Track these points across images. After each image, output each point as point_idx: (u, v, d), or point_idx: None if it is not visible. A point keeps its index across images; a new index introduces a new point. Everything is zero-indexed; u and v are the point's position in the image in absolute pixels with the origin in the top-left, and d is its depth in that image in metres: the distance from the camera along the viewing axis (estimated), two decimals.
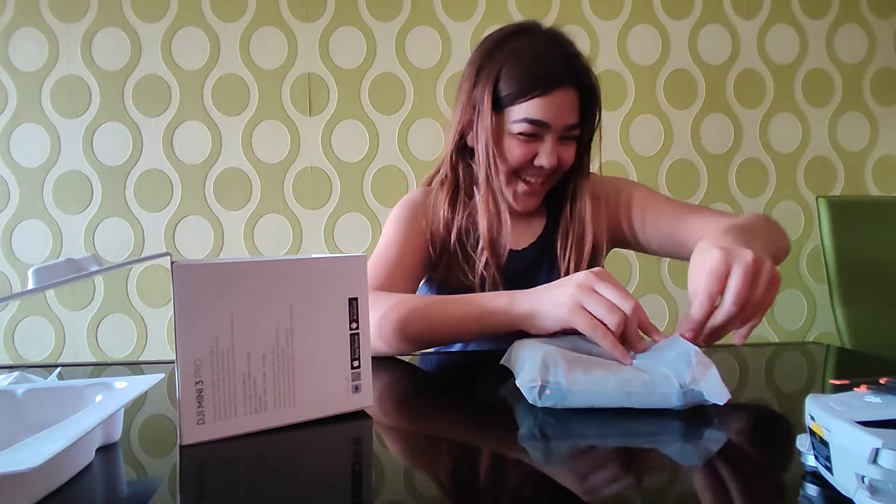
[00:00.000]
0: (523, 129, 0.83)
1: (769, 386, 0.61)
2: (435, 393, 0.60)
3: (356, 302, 0.49)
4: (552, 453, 0.42)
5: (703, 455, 0.41)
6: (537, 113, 0.82)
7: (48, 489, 0.35)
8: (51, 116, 1.61)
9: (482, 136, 0.85)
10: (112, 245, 1.63)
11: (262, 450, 0.42)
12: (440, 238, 0.90)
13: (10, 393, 0.44)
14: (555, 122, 0.83)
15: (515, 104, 0.83)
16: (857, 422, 0.30)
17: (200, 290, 0.43)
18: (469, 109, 0.87)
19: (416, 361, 0.72)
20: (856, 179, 1.76)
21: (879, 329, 1.47)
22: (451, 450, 0.43)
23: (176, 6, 1.62)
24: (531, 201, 0.91)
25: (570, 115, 0.84)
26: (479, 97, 0.85)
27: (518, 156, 0.85)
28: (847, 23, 1.74)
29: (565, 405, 0.49)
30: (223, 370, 0.44)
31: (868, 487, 0.29)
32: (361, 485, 0.36)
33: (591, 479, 0.36)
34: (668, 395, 0.49)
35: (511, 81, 0.83)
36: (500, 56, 0.84)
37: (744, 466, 0.38)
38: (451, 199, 0.91)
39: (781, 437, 0.44)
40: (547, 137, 0.84)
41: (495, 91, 0.84)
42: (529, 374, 0.51)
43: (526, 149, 0.84)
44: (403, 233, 0.89)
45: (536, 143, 0.85)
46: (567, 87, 0.83)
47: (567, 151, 0.87)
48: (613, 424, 0.47)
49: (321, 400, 0.48)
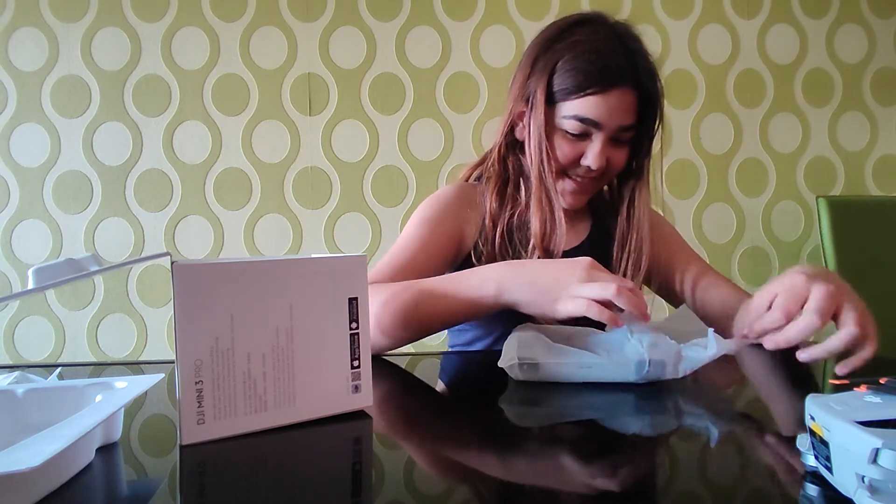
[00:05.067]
0: (573, 127, 0.79)
1: (769, 386, 0.61)
2: (435, 393, 0.60)
3: (356, 302, 0.49)
4: (553, 453, 0.42)
5: (703, 455, 0.41)
6: (590, 111, 0.78)
7: (48, 489, 0.35)
8: (51, 116, 1.61)
9: (535, 132, 0.81)
10: (112, 245, 1.62)
11: (262, 450, 0.42)
12: (484, 231, 0.86)
13: (10, 393, 0.44)
14: (608, 122, 0.79)
15: (569, 100, 0.79)
16: (857, 422, 0.30)
17: (200, 290, 0.43)
18: (521, 101, 0.83)
19: (417, 361, 0.72)
20: (856, 179, 1.76)
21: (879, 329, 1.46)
22: (450, 450, 0.43)
23: (176, 6, 1.62)
24: (579, 199, 0.87)
25: (626, 116, 0.80)
26: (533, 90, 0.81)
27: (565, 154, 0.81)
28: (847, 23, 1.74)
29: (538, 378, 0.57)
30: (223, 370, 0.44)
31: (868, 487, 0.29)
32: (361, 485, 0.36)
33: (593, 480, 0.36)
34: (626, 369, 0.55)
35: (566, 76, 0.78)
36: (558, 47, 0.80)
37: (744, 466, 0.38)
38: (499, 193, 0.86)
39: (781, 437, 0.44)
40: (596, 137, 0.80)
41: (549, 84, 0.79)
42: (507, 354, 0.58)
43: (573, 147, 0.81)
44: (425, 233, 0.84)
45: (585, 143, 0.80)
46: (625, 86, 0.78)
47: (618, 154, 0.82)
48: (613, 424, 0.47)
49: (321, 400, 0.48)
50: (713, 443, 0.43)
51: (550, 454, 0.42)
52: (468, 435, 0.46)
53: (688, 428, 0.46)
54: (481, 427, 0.48)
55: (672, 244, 0.95)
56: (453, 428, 0.48)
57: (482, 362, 0.73)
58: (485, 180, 0.90)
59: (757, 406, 0.53)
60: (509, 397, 0.54)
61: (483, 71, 1.66)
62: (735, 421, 0.48)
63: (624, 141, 0.83)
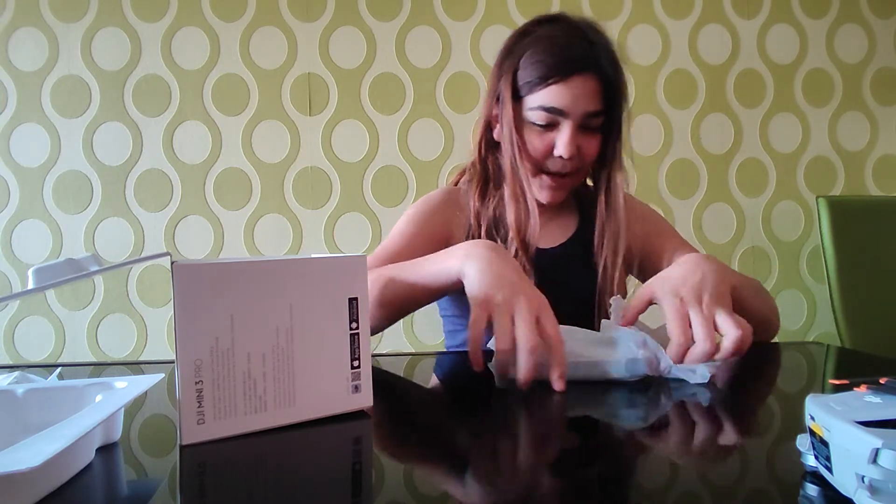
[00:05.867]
0: (540, 117, 0.81)
1: (769, 386, 0.61)
2: (435, 393, 0.60)
3: (356, 302, 0.49)
4: (552, 452, 0.42)
5: (703, 455, 0.41)
6: (554, 100, 0.80)
7: (48, 489, 0.35)
8: (51, 116, 1.61)
9: (505, 127, 0.84)
10: (112, 245, 1.62)
11: (262, 450, 0.42)
12: (470, 232, 0.89)
13: (10, 393, 0.44)
14: (572, 109, 0.80)
15: (533, 92, 0.81)
16: (857, 422, 0.30)
17: (200, 290, 0.43)
18: (494, 102, 0.87)
19: (417, 362, 0.72)
20: (856, 179, 1.76)
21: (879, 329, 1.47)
22: (450, 450, 0.43)
23: (176, 6, 1.62)
24: (557, 194, 0.88)
25: (590, 102, 0.81)
26: (502, 88, 0.84)
27: (536, 147, 0.83)
28: (847, 23, 1.74)
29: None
30: (223, 370, 0.44)
31: (868, 487, 0.29)
32: (361, 485, 0.36)
33: (591, 480, 0.36)
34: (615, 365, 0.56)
35: (529, 69, 0.81)
36: (522, 45, 0.83)
37: (744, 466, 0.38)
38: (481, 192, 0.89)
39: (781, 437, 0.44)
40: (564, 126, 0.81)
41: (514, 80, 0.82)
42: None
43: (543, 139, 0.82)
44: (411, 230, 0.88)
45: (554, 133, 0.82)
46: (587, 73, 0.80)
47: (589, 143, 0.84)
48: (612, 424, 0.47)
49: (321, 400, 0.48)
50: (713, 442, 0.43)
51: (550, 453, 0.42)
52: (468, 435, 0.46)
53: (687, 428, 0.46)
54: (481, 427, 0.48)
55: (662, 230, 0.95)
56: (453, 428, 0.48)
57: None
58: (468, 182, 0.93)
59: (757, 406, 0.53)
60: (509, 397, 0.54)
61: (483, 71, 1.66)
62: (735, 421, 0.48)
63: (593, 128, 0.84)
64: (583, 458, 0.41)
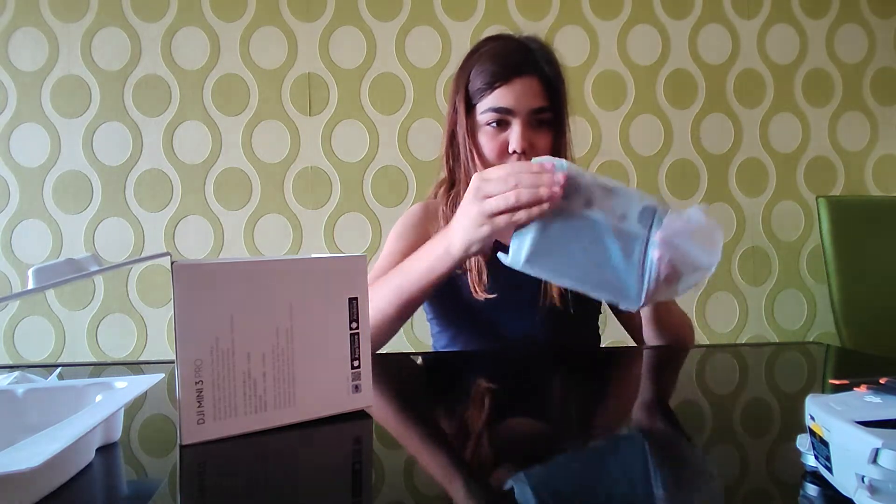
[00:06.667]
0: (491, 118, 0.88)
1: (769, 386, 0.61)
2: (435, 393, 0.60)
3: (356, 302, 0.49)
4: (553, 450, 0.42)
5: (703, 455, 0.41)
6: (501, 101, 0.87)
7: (48, 489, 0.35)
8: (51, 116, 1.61)
9: (460, 135, 0.91)
10: (112, 245, 1.62)
11: (262, 450, 0.42)
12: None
13: (10, 393, 0.44)
14: (519, 107, 0.87)
15: (483, 98, 0.88)
16: (857, 422, 0.30)
17: (200, 290, 0.43)
18: (453, 113, 0.94)
19: (417, 362, 0.72)
20: (856, 179, 1.76)
21: (879, 329, 1.47)
22: (450, 449, 0.43)
23: (176, 6, 1.62)
24: None
25: (534, 100, 0.87)
26: (457, 100, 0.92)
27: (492, 148, 0.88)
28: (847, 23, 1.74)
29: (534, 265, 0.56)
30: (223, 370, 0.44)
31: (868, 487, 0.29)
32: (361, 485, 0.36)
33: (593, 476, 0.36)
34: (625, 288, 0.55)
35: (477, 79, 0.89)
36: (471, 61, 0.92)
37: (744, 466, 0.38)
38: (452, 199, 0.95)
39: (781, 437, 0.44)
40: (514, 123, 0.87)
41: (467, 91, 0.90)
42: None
43: (497, 139, 0.88)
44: (400, 245, 0.94)
45: (507, 132, 0.88)
46: (528, 75, 0.88)
47: (541, 138, 0.89)
48: (613, 423, 0.47)
49: (321, 400, 0.48)
50: (713, 442, 0.43)
51: (550, 451, 0.42)
52: (468, 434, 0.46)
53: (688, 428, 0.46)
54: (481, 426, 0.48)
55: None
56: (453, 427, 0.48)
57: (482, 362, 0.73)
58: (438, 192, 0.99)
59: (757, 406, 0.53)
60: (509, 396, 0.54)
61: None
62: (735, 420, 0.48)
63: (543, 123, 0.90)
64: (583, 458, 0.41)
